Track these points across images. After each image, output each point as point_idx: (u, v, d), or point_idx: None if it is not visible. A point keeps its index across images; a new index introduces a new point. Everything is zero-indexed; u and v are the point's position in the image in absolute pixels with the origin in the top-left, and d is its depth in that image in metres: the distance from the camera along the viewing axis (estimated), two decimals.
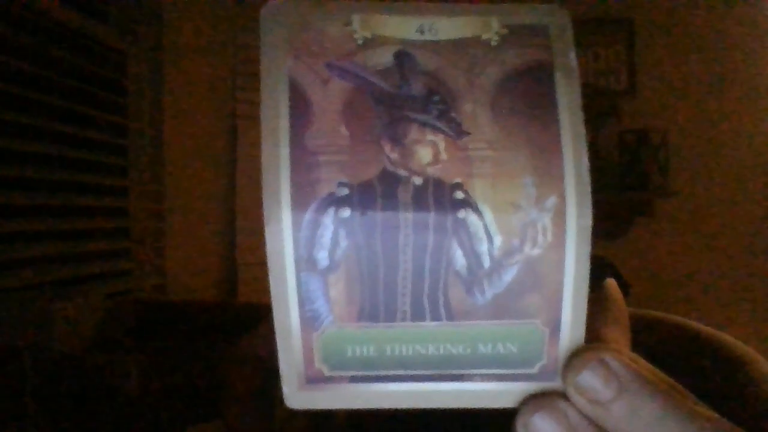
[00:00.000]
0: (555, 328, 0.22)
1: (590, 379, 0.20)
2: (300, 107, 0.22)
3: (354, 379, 0.22)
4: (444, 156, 0.21)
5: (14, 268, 1.16)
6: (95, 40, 1.42)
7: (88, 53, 1.40)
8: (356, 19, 0.22)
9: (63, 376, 1.00)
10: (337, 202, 0.21)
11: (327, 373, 0.22)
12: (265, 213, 0.21)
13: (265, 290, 0.21)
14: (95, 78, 1.41)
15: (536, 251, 0.21)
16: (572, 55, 0.22)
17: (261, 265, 0.21)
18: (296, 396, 0.22)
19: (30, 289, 1.14)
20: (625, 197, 2.25)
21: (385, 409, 0.22)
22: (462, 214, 0.21)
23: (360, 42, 0.22)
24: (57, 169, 1.28)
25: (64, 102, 1.29)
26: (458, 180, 0.21)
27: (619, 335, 0.29)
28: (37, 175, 1.23)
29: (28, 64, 1.19)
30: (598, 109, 2.20)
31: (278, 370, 0.22)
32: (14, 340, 1.00)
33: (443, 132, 0.22)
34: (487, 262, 0.21)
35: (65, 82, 1.29)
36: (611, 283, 0.42)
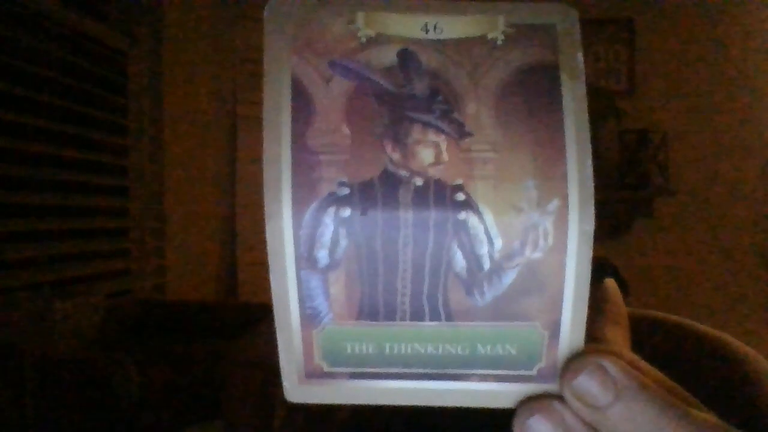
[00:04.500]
0: (554, 331, 0.21)
1: (587, 383, 0.20)
2: (302, 105, 0.21)
3: (353, 376, 0.22)
4: (446, 157, 0.21)
5: (14, 268, 1.16)
6: (95, 40, 1.42)
7: (88, 53, 1.40)
8: (360, 16, 0.22)
9: (63, 376, 1.00)
10: (338, 201, 0.21)
11: (326, 369, 0.22)
12: (266, 211, 0.21)
13: (265, 290, 0.21)
14: (95, 78, 1.41)
15: (537, 255, 0.21)
16: (579, 56, 0.22)
17: (261, 265, 0.21)
18: (296, 390, 0.22)
19: (30, 289, 1.14)
20: (625, 197, 2.25)
21: (384, 409, 0.22)
22: (463, 215, 0.21)
23: (363, 40, 0.22)
24: (57, 169, 1.28)
25: (64, 102, 1.29)
26: (460, 181, 0.21)
27: (618, 336, 0.29)
28: (37, 175, 1.23)
29: (28, 64, 1.19)
30: (598, 109, 2.20)
31: (278, 369, 0.22)
32: (14, 340, 1.00)
33: (445, 133, 0.21)
34: (487, 265, 0.21)
35: (65, 82, 1.29)
36: (610, 283, 0.42)
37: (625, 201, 2.26)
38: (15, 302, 1.05)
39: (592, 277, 0.21)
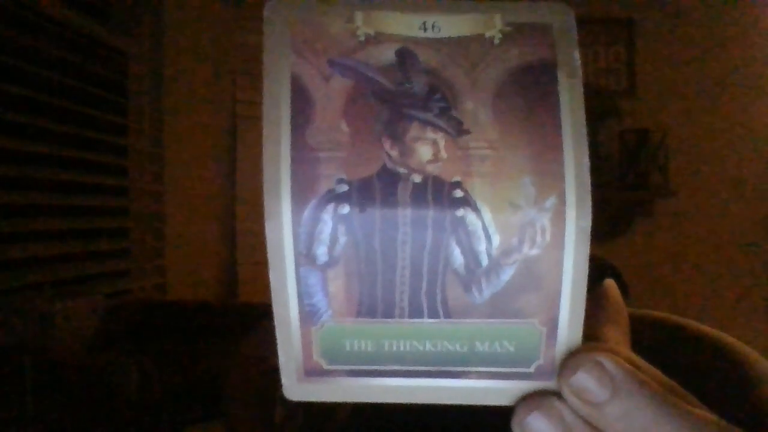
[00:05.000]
0: (552, 328, 0.22)
1: (584, 380, 0.20)
2: (301, 103, 0.22)
3: (352, 373, 0.22)
4: (444, 154, 0.21)
5: (14, 268, 1.16)
6: (95, 40, 1.42)
7: (88, 53, 1.40)
8: (359, 15, 0.22)
9: (63, 376, 1.00)
10: (337, 198, 0.21)
11: (325, 366, 0.22)
12: (266, 208, 0.21)
13: (265, 290, 0.21)
14: (95, 78, 1.41)
15: (534, 251, 0.21)
16: (576, 54, 0.22)
17: (261, 265, 0.21)
18: (295, 388, 0.22)
19: (30, 289, 1.14)
20: (625, 197, 2.25)
21: (384, 407, 0.22)
22: (461, 212, 0.21)
23: (362, 39, 0.22)
24: (57, 169, 1.28)
25: (64, 102, 1.29)
26: (457, 178, 0.21)
27: (618, 335, 0.29)
28: (37, 175, 1.23)
29: (28, 64, 1.19)
30: (598, 109, 2.20)
31: (278, 368, 0.22)
32: (14, 340, 1.00)
33: (443, 130, 0.22)
34: (485, 261, 0.21)
35: (65, 82, 1.30)
36: (610, 283, 0.42)
37: (625, 201, 2.26)
38: (15, 302, 1.05)
39: (591, 277, 0.22)
